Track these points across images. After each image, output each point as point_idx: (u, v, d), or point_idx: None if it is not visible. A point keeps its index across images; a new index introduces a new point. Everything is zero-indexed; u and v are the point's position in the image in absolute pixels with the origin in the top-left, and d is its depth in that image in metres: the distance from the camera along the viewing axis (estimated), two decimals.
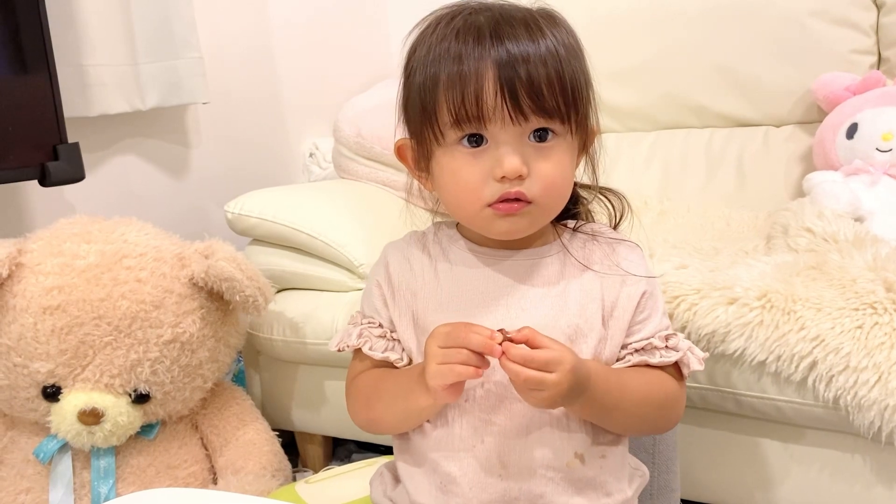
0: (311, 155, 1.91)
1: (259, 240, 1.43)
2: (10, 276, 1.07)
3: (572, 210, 0.83)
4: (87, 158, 1.28)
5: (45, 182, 1.22)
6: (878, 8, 1.58)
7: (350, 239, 1.36)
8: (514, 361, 0.67)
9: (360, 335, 0.81)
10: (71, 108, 1.32)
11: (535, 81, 0.69)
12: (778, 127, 1.66)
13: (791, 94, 1.62)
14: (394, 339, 0.81)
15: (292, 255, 1.40)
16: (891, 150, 1.38)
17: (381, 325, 0.81)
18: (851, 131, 1.43)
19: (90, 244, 1.11)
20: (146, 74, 1.45)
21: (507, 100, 0.69)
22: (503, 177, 0.70)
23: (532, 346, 0.67)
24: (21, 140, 1.20)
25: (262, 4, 1.82)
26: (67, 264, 1.08)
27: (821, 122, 1.52)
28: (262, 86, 1.83)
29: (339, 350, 0.83)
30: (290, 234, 1.37)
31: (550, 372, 0.67)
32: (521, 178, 0.71)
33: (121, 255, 1.11)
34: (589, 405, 0.73)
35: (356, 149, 1.58)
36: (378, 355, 0.80)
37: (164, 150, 1.62)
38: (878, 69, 1.58)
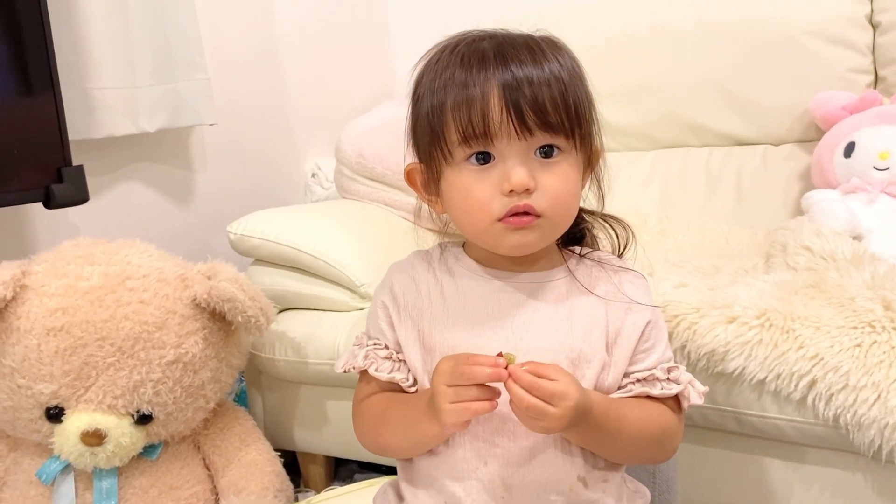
0: (313, 175, 1.92)
1: (261, 260, 1.44)
2: (14, 297, 1.08)
3: (579, 231, 0.83)
4: (91, 181, 1.28)
5: (49, 204, 1.23)
6: (874, 28, 1.60)
7: (352, 259, 1.37)
8: (521, 386, 0.67)
9: (365, 356, 0.81)
10: (76, 130, 1.34)
11: (540, 99, 0.71)
12: (776, 146, 1.67)
13: (789, 113, 1.63)
14: (399, 360, 0.81)
15: (294, 275, 1.40)
16: (888, 168, 1.39)
17: (386, 347, 0.81)
18: (849, 150, 1.44)
19: (94, 266, 1.12)
20: (152, 97, 1.46)
21: (513, 115, 0.70)
22: (511, 191, 0.71)
23: (538, 376, 0.68)
24: (26, 163, 1.21)
25: (267, 26, 1.84)
26: (71, 286, 1.09)
27: (819, 140, 1.53)
28: (266, 107, 1.85)
29: (344, 371, 0.83)
30: (292, 254, 1.38)
31: (553, 405, 0.67)
32: (528, 191, 0.71)
33: (124, 277, 1.11)
34: (587, 434, 0.73)
35: (358, 169, 1.59)
36: (384, 376, 0.80)
37: (168, 172, 1.63)
38: (875, 88, 1.59)
